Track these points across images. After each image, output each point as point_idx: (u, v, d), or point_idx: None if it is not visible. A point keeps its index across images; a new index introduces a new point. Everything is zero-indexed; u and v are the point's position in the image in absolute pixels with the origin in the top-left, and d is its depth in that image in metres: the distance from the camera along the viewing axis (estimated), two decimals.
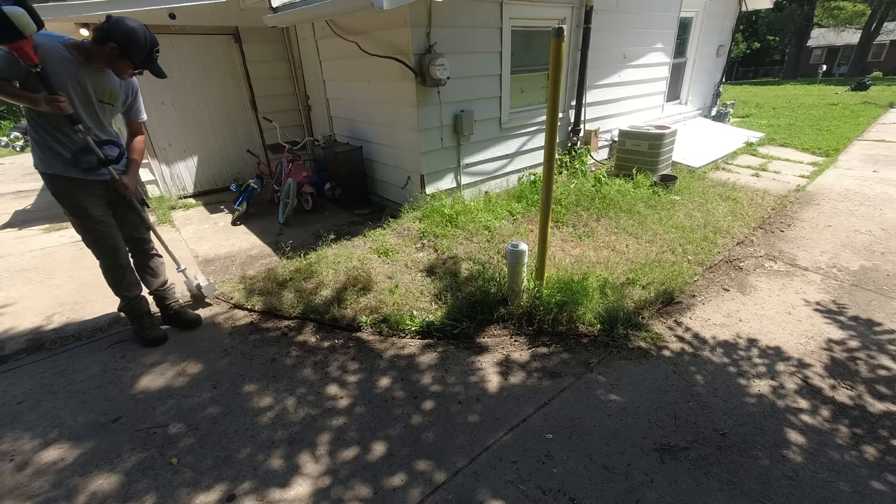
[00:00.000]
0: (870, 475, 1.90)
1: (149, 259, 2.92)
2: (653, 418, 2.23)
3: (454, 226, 4.23)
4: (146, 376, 2.60)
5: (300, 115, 6.59)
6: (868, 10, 25.83)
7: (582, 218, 4.50)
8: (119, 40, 2.19)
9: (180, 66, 5.41)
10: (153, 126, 5.46)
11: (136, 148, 2.68)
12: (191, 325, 3.06)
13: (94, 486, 1.92)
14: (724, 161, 6.83)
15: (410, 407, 2.33)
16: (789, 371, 2.53)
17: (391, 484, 1.91)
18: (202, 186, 6.09)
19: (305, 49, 5.87)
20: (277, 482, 1.93)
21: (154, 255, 2.95)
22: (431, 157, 4.55)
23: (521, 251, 2.83)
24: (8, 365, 2.72)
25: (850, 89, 16.53)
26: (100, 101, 2.39)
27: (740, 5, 8.32)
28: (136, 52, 2.25)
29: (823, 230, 4.38)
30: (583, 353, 2.72)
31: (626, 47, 6.21)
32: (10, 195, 6.64)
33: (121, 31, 2.18)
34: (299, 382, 2.53)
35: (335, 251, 3.86)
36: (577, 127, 5.90)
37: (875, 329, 2.88)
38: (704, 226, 4.32)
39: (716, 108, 9.05)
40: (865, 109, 11.40)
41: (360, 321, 3.01)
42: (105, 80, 2.38)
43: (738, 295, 3.32)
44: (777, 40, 35.82)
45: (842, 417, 2.20)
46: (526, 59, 5.06)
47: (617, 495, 1.84)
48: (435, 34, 4.05)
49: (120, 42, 2.19)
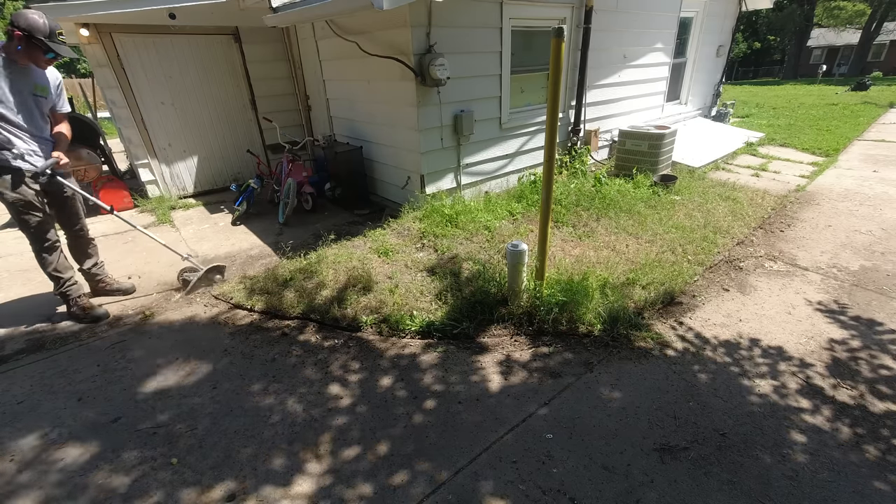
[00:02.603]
0: (871, 475, 1.90)
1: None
2: (653, 418, 2.23)
3: (454, 226, 4.23)
4: (146, 376, 2.60)
5: (300, 115, 6.59)
6: (868, 10, 25.83)
7: (582, 218, 4.50)
8: (21, 26, 2.53)
9: (180, 66, 5.41)
10: (153, 126, 5.47)
11: (62, 132, 3.01)
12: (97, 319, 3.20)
13: (95, 486, 1.92)
14: (724, 161, 6.83)
15: (411, 406, 2.33)
16: (789, 371, 2.53)
17: (392, 483, 1.91)
18: (202, 186, 6.09)
19: (305, 49, 5.87)
20: (278, 482, 1.93)
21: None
22: (431, 157, 4.55)
23: (522, 251, 2.83)
24: (8, 365, 2.72)
25: (850, 89, 16.54)
26: (34, 95, 2.75)
27: (740, 5, 8.32)
28: (38, 33, 2.57)
29: (823, 230, 4.38)
30: (583, 352, 2.72)
31: (626, 47, 6.21)
32: None
33: (20, 19, 2.55)
34: (300, 382, 2.53)
35: (335, 251, 3.86)
36: (577, 127, 5.90)
37: (875, 329, 2.88)
38: (704, 226, 4.32)
39: (716, 108, 9.06)
40: (865, 109, 11.40)
41: (360, 321, 3.01)
42: (35, 76, 2.75)
43: (739, 295, 3.32)
44: (777, 40, 35.84)
45: (842, 417, 2.20)
46: (526, 59, 5.06)
47: (617, 495, 1.84)
48: (435, 34, 4.05)
49: (22, 28, 2.53)
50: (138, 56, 5.14)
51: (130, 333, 3.02)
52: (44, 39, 2.58)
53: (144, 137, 5.44)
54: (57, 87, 2.94)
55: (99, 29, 4.84)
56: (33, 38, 2.56)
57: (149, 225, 5.00)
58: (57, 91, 2.94)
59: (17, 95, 2.68)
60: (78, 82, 14.86)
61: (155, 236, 3.44)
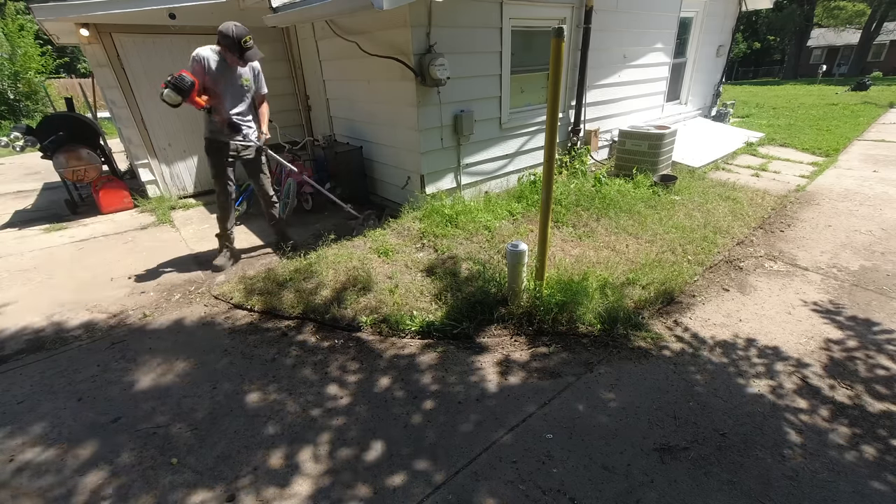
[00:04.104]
0: (870, 475, 1.90)
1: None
2: (653, 418, 2.23)
3: (454, 226, 4.23)
4: (146, 376, 2.60)
5: (300, 115, 6.59)
6: (868, 9, 25.82)
7: (582, 218, 4.50)
8: (219, 38, 3.29)
9: (180, 66, 5.36)
10: (153, 126, 5.46)
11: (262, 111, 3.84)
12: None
13: (95, 487, 1.92)
14: (724, 161, 6.83)
15: (410, 407, 2.33)
16: (789, 371, 2.53)
17: (391, 484, 1.91)
18: (202, 186, 6.09)
19: (305, 49, 5.87)
20: (277, 482, 1.93)
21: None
22: (431, 157, 4.55)
23: (521, 251, 2.83)
24: (8, 365, 2.72)
25: (850, 89, 16.53)
26: (242, 87, 3.53)
27: (740, 5, 8.32)
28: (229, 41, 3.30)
29: (823, 230, 4.38)
30: (583, 352, 2.72)
31: (626, 47, 6.21)
32: (10, 195, 6.65)
33: (218, 32, 3.27)
34: (299, 382, 2.53)
35: (335, 251, 3.86)
36: (577, 127, 5.90)
37: (875, 329, 2.88)
38: (704, 226, 4.32)
39: (716, 108, 9.05)
40: (865, 109, 11.40)
41: (360, 321, 3.01)
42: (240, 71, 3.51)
43: (738, 295, 3.32)
44: (777, 40, 35.82)
45: (842, 417, 2.20)
46: (526, 59, 5.06)
47: (617, 495, 1.84)
48: (435, 34, 4.05)
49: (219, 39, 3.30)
50: (138, 56, 5.14)
51: (130, 333, 3.02)
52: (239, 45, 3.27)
53: (144, 137, 5.44)
54: (256, 76, 3.61)
55: (99, 29, 4.83)
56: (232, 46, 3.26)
57: (149, 225, 5.00)
58: (256, 79, 3.63)
59: (231, 87, 3.43)
60: (78, 82, 14.89)
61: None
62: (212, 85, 3.35)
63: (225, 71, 3.37)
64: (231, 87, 3.43)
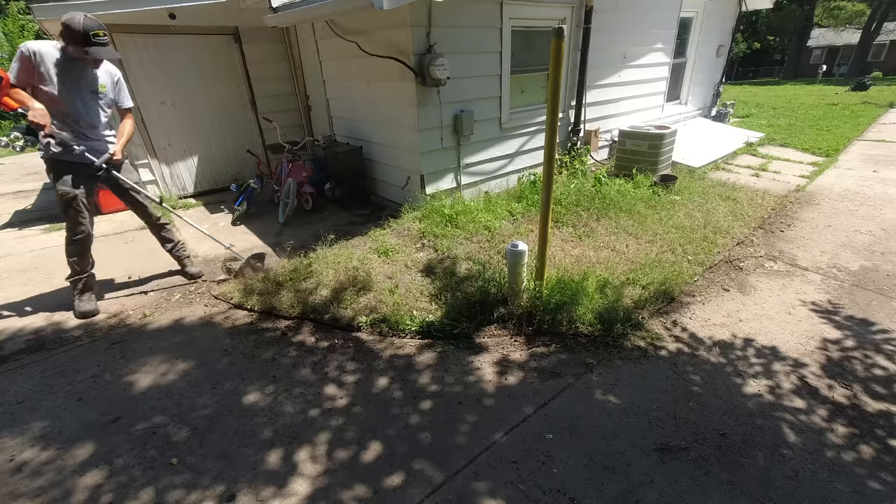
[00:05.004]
0: (868, 475, 1.90)
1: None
2: (653, 418, 2.23)
3: (454, 226, 4.23)
4: (146, 376, 2.60)
5: (300, 115, 6.59)
6: (868, 10, 25.83)
7: (582, 218, 4.50)
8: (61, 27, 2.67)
9: (180, 66, 5.41)
10: (153, 126, 5.46)
11: (123, 128, 3.23)
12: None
13: (94, 487, 1.92)
14: (724, 161, 6.83)
15: (410, 407, 2.33)
16: (789, 371, 2.53)
17: (390, 484, 1.91)
18: (202, 186, 6.09)
19: (305, 49, 5.87)
20: (277, 482, 1.93)
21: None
22: (431, 157, 4.55)
23: (521, 251, 2.83)
24: (8, 365, 2.72)
25: (850, 89, 16.54)
26: (92, 93, 2.92)
27: (740, 5, 8.32)
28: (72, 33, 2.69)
29: (823, 230, 4.38)
30: (583, 353, 2.72)
31: (626, 47, 6.21)
32: (10, 195, 6.65)
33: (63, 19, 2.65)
34: (299, 382, 2.53)
35: (335, 251, 3.86)
36: (577, 127, 5.90)
37: (875, 329, 2.88)
38: (704, 226, 4.32)
39: (716, 108, 9.05)
40: (865, 109, 11.40)
41: (359, 321, 3.01)
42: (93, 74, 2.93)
43: (738, 295, 3.31)
44: (777, 40, 35.79)
45: (841, 417, 2.20)
46: (526, 59, 5.06)
47: (617, 495, 1.84)
48: (435, 34, 4.05)
49: (62, 28, 2.67)
50: (138, 56, 5.14)
51: (130, 333, 3.02)
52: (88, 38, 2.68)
53: (144, 137, 5.44)
54: (115, 83, 3.07)
55: None
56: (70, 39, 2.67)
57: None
58: (115, 87, 3.08)
59: (76, 93, 2.84)
60: None
61: (200, 227, 3.76)
62: (46, 85, 2.73)
63: (70, 70, 2.79)
64: (77, 92, 2.84)
